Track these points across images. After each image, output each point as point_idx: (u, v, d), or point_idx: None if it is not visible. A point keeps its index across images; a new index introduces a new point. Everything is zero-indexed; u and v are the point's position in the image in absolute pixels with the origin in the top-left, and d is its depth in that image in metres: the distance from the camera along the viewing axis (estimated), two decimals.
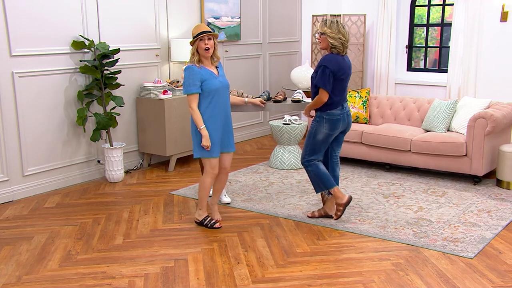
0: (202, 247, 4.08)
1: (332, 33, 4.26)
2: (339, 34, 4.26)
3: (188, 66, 4.23)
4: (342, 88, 4.35)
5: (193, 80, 4.17)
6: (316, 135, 4.42)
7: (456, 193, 5.31)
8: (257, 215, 4.77)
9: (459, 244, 4.09)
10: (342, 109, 4.38)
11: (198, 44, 4.20)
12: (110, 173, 5.78)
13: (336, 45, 4.28)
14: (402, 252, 3.97)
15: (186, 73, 4.20)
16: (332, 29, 4.26)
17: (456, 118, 5.87)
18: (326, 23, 4.30)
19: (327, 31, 4.27)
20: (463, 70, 7.09)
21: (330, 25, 4.28)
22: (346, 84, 4.40)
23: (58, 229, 4.49)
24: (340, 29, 4.28)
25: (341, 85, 4.33)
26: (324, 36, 4.30)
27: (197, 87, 4.18)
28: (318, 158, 4.47)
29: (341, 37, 4.27)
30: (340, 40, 4.27)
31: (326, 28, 4.28)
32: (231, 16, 7.37)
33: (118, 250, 4.05)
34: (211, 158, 4.32)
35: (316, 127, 4.41)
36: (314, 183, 4.52)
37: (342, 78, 4.30)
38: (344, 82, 4.34)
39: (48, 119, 5.45)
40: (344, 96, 4.40)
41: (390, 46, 7.68)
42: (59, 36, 5.44)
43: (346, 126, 4.48)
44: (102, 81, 5.60)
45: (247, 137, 7.99)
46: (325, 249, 4.03)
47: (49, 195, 5.40)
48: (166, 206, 5.04)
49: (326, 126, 4.37)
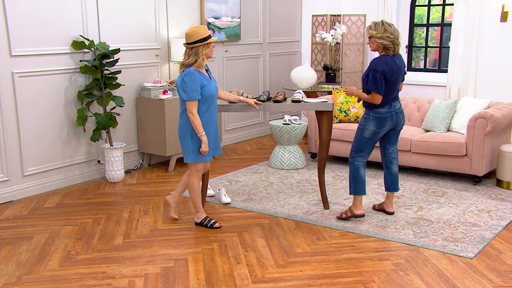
0: (202, 247, 4.08)
1: (378, 34, 4.29)
2: (386, 33, 4.28)
3: (189, 71, 4.11)
4: (391, 88, 4.38)
5: (195, 86, 4.09)
6: (363, 132, 4.48)
7: (456, 193, 5.31)
8: (257, 215, 4.77)
9: (459, 244, 4.09)
10: (390, 107, 4.40)
11: (206, 49, 4.12)
12: (110, 173, 5.78)
13: (386, 44, 4.30)
14: (402, 252, 3.97)
15: (188, 78, 4.09)
16: (378, 30, 4.30)
17: (456, 118, 5.87)
18: (371, 26, 4.34)
19: (373, 33, 4.32)
20: (463, 70, 7.09)
21: (375, 27, 4.32)
22: (397, 84, 4.43)
23: (58, 229, 4.49)
24: (387, 28, 4.30)
25: (390, 86, 4.35)
26: (373, 39, 4.34)
27: (199, 93, 4.13)
28: (364, 156, 4.52)
29: (389, 35, 4.29)
30: (389, 39, 4.29)
31: (372, 31, 4.32)
32: (231, 16, 7.37)
33: (118, 250, 4.05)
34: (198, 162, 4.31)
35: (364, 124, 4.47)
36: (349, 182, 4.61)
37: (392, 80, 4.33)
38: (394, 83, 4.37)
39: (48, 119, 5.45)
40: (394, 96, 4.43)
41: None
42: (59, 36, 5.44)
43: (396, 124, 4.48)
44: (102, 81, 5.59)
45: (247, 137, 7.99)
46: (325, 249, 4.03)
47: (49, 195, 5.40)
48: (166, 206, 5.03)
49: (373, 123, 4.42)
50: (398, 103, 4.48)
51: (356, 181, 4.53)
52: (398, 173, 4.70)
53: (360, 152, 4.52)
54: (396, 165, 4.67)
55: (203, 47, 4.11)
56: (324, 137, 4.80)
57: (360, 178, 4.53)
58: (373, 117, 4.42)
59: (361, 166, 4.53)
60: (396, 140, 4.64)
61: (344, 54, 7.71)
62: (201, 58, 4.12)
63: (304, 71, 7.18)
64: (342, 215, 4.60)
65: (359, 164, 4.52)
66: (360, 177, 4.52)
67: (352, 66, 7.82)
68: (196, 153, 4.25)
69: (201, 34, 4.09)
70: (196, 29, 4.13)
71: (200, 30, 4.12)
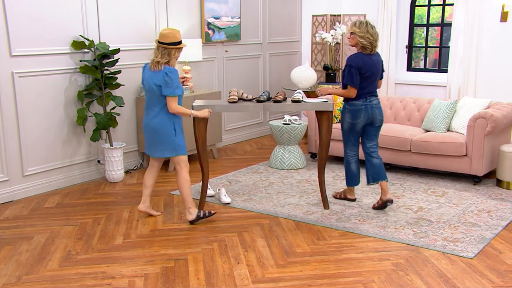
0: (202, 247, 4.08)
1: (361, 33, 4.60)
2: (368, 34, 4.59)
3: (173, 69, 4.29)
4: (367, 83, 4.65)
5: (177, 83, 4.31)
6: (342, 125, 4.84)
7: (456, 193, 5.31)
8: (257, 215, 4.77)
9: (459, 244, 4.09)
10: (366, 100, 4.68)
11: (177, 53, 4.34)
12: (110, 173, 5.78)
13: (365, 44, 4.61)
14: (402, 252, 3.97)
15: (173, 75, 4.26)
16: (361, 29, 4.61)
17: (456, 118, 5.87)
18: (356, 23, 4.65)
19: (356, 30, 4.63)
20: (463, 70, 7.09)
21: (359, 25, 4.63)
22: (373, 80, 4.70)
23: (58, 229, 4.49)
24: (369, 29, 4.61)
25: (365, 81, 4.63)
26: (354, 35, 4.64)
27: (179, 89, 4.34)
28: (351, 149, 4.87)
29: (369, 37, 4.59)
30: (368, 40, 4.59)
31: (355, 28, 4.63)
32: (231, 16, 7.37)
33: (118, 250, 4.05)
34: (185, 155, 4.50)
35: (342, 118, 4.82)
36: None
37: (367, 75, 4.62)
38: (369, 78, 4.65)
39: (48, 119, 5.46)
40: (370, 90, 4.70)
41: (390, 46, 7.68)
42: (59, 36, 5.44)
43: (371, 118, 4.72)
44: (102, 81, 5.60)
45: (247, 137, 7.99)
46: (325, 249, 4.03)
47: (49, 195, 5.40)
48: (166, 206, 5.04)
49: (348, 115, 4.74)
50: (375, 99, 4.74)
51: (347, 174, 4.97)
52: (381, 164, 4.84)
53: (346, 146, 4.89)
54: (376, 158, 4.84)
55: (176, 50, 4.33)
56: (324, 137, 4.80)
57: (350, 172, 4.94)
58: (348, 109, 4.73)
59: (351, 160, 4.90)
60: (375, 136, 4.85)
61: (344, 54, 7.71)
62: (173, 60, 4.33)
63: (304, 71, 7.18)
64: (336, 194, 5.15)
65: (348, 158, 4.91)
66: (350, 170, 4.93)
67: None
68: (182, 145, 4.44)
69: (176, 38, 4.31)
70: (173, 32, 4.33)
71: (177, 33, 4.33)
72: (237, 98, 4.80)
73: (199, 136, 4.71)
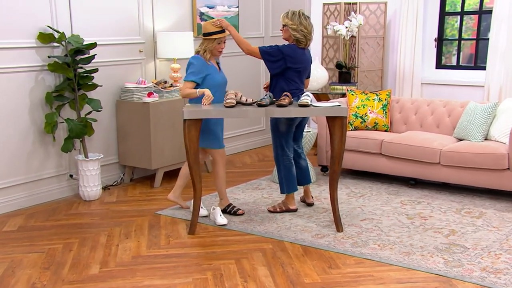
0: (194, 277, 4.09)
1: (294, 25, 4.96)
2: (301, 26, 4.96)
3: (196, 56, 5.01)
4: (298, 79, 5.10)
5: (199, 70, 4.94)
6: (278, 127, 5.20)
7: (496, 214, 5.31)
8: (258, 239, 4.78)
9: (502, 276, 4.08)
10: (298, 99, 4.93)
11: (215, 44, 4.99)
12: (85, 190, 5.79)
13: (299, 37, 4.99)
14: (431, 284, 3.97)
15: (194, 60, 4.97)
16: (293, 21, 4.96)
17: (495, 125, 5.88)
18: (288, 14, 4.99)
19: (288, 22, 4.98)
20: (506, 67, 7.08)
21: (291, 16, 4.97)
22: (302, 76, 5.14)
23: (20, 257, 4.49)
24: (302, 21, 4.96)
25: (297, 77, 5.08)
26: (287, 28, 5.01)
27: (199, 78, 4.95)
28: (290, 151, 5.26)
29: (303, 29, 4.97)
30: (302, 33, 4.97)
31: (288, 20, 4.98)
32: (227, 5, 7.42)
33: (93, 281, 4.05)
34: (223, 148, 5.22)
35: (276, 119, 5.17)
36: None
37: (299, 70, 5.06)
38: (299, 73, 5.09)
39: (10, 125, 5.47)
40: (300, 88, 5.13)
41: (415, 39, 7.69)
42: (22, 27, 5.46)
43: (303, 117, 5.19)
44: (75, 81, 5.63)
45: (246, 147, 8.01)
46: (338, 279, 4.03)
47: (9, 216, 5.41)
48: (151, 228, 5.05)
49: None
50: (305, 98, 4.92)
51: (289, 179, 5.27)
52: (307, 166, 5.50)
53: (283, 149, 5.24)
54: (304, 159, 5.45)
55: (208, 41, 5.01)
56: (337, 148, 4.82)
57: (292, 175, 5.28)
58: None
59: (291, 164, 5.25)
60: (301, 136, 5.45)
61: (360, 49, 7.75)
62: (203, 50, 5.01)
63: (313, 70, 7.20)
64: (275, 208, 5.36)
65: (290, 161, 5.26)
66: (292, 174, 5.28)
67: (370, 63, 7.85)
68: (216, 139, 5.13)
69: (206, 29, 4.98)
70: (207, 23, 5.02)
71: (208, 25, 5.00)
72: (234, 101, 4.83)
73: (191, 146, 4.72)
